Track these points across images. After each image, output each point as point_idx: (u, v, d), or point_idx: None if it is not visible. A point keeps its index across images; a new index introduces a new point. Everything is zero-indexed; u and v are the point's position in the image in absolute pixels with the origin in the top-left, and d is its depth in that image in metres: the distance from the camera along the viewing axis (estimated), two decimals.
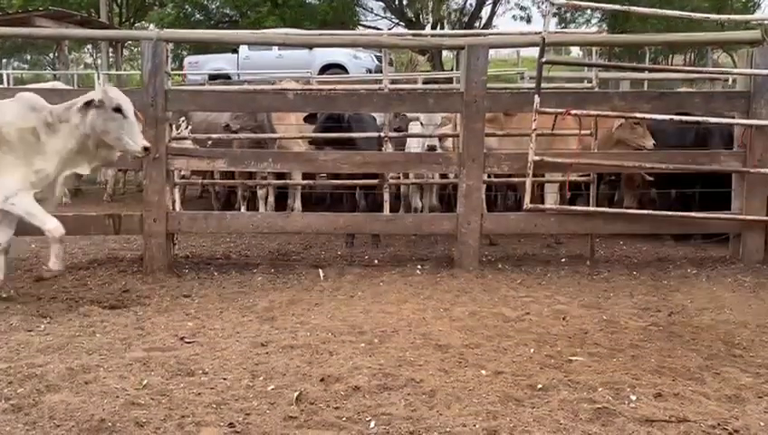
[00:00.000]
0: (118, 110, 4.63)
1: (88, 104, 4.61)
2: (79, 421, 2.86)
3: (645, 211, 6.17)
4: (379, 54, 15.38)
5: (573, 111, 5.71)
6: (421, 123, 6.99)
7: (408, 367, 3.52)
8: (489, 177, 6.51)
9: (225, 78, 15.71)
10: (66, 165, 4.74)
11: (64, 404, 3.02)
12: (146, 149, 4.71)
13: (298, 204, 7.95)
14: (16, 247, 5.57)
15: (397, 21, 25.84)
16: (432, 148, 6.51)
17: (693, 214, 6.00)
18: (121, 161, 5.73)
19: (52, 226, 4.57)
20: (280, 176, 7.61)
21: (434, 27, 24.21)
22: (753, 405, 3.11)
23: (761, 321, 4.37)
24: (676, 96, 6.97)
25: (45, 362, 3.56)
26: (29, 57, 31.19)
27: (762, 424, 2.90)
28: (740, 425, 2.88)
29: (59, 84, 10.75)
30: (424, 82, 12.49)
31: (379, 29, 23.98)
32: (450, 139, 7.00)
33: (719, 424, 2.88)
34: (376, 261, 6.10)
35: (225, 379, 3.36)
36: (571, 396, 3.15)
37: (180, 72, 16.09)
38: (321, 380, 3.34)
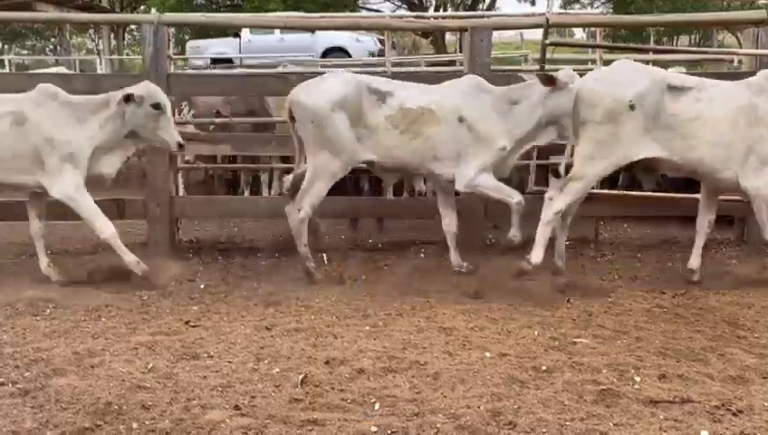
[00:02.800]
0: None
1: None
2: (85, 405, 2.88)
3: (649, 193, 6.15)
4: (381, 38, 15.30)
5: None
6: None
7: (413, 350, 3.53)
8: None
9: (228, 62, 15.65)
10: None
11: (71, 388, 3.04)
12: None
13: None
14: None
15: (399, 3, 25.68)
16: None
17: (698, 196, 5.98)
18: None
19: None
20: (284, 160, 7.58)
21: (437, 9, 24.07)
22: (757, 386, 3.11)
23: (765, 302, 4.36)
24: None
25: (51, 346, 3.58)
26: (30, 43, 31.11)
27: (766, 404, 2.90)
28: (744, 405, 2.88)
29: (62, 69, 10.72)
30: (427, 65, 12.41)
31: (381, 12, 23.87)
32: None
33: (723, 405, 2.88)
34: (380, 245, 6.10)
35: (230, 362, 3.38)
36: (575, 378, 3.16)
37: (184, 57, 16.03)
38: (326, 362, 3.35)
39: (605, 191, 6.30)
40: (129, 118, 4.71)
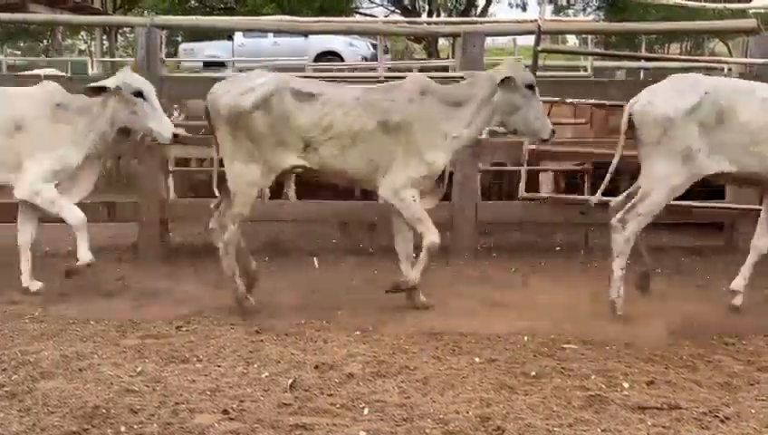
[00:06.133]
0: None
1: None
2: (73, 408, 2.87)
3: None
4: (374, 42, 15.32)
5: (569, 100, 5.70)
6: None
7: (402, 354, 3.54)
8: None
9: (220, 65, 15.64)
10: None
11: (58, 391, 3.03)
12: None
13: (292, 192, 7.93)
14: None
15: (393, 8, 25.73)
16: None
17: (687, 203, 6.01)
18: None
19: None
20: None
21: (430, 15, 24.11)
22: (744, 392, 3.13)
23: (753, 309, 4.38)
24: None
25: (40, 349, 3.57)
26: (23, 44, 30.98)
27: (753, 411, 2.92)
28: (731, 412, 2.90)
29: (53, 71, 10.67)
30: (419, 71, 12.43)
31: (375, 17, 23.90)
32: None
33: (711, 411, 2.90)
34: (370, 249, 6.10)
35: (219, 366, 3.37)
36: (564, 383, 3.17)
37: (176, 60, 16.02)
38: (316, 367, 3.35)
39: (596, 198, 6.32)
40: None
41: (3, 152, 4.59)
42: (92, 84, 4.59)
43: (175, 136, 4.68)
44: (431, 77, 4.77)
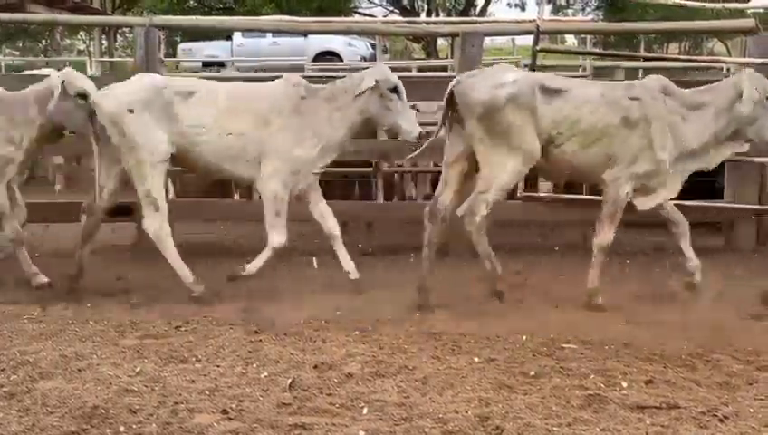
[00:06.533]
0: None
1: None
2: (72, 408, 2.87)
3: None
4: (373, 42, 15.33)
5: None
6: (417, 110, 6.97)
7: (402, 354, 3.54)
8: None
9: (219, 65, 15.64)
10: None
11: (57, 391, 3.02)
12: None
13: None
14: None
15: (391, 8, 25.73)
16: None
17: (686, 202, 6.01)
18: None
19: None
20: None
21: (429, 15, 24.11)
22: (743, 392, 3.13)
23: (751, 309, 4.39)
24: None
25: (38, 349, 3.57)
26: (21, 44, 30.96)
27: (752, 410, 2.92)
28: (730, 411, 2.90)
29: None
30: (418, 70, 12.44)
31: (373, 17, 23.90)
32: None
33: (709, 410, 2.90)
34: (370, 249, 6.10)
35: (218, 366, 3.37)
36: (563, 383, 3.17)
37: (175, 60, 16.02)
38: (315, 367, 3.35)
39: (593, 197, 6.34)
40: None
41: (250, 147, 4.57)
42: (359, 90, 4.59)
43: (419, 137, 4.62)
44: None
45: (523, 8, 25.50)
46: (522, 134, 4.24)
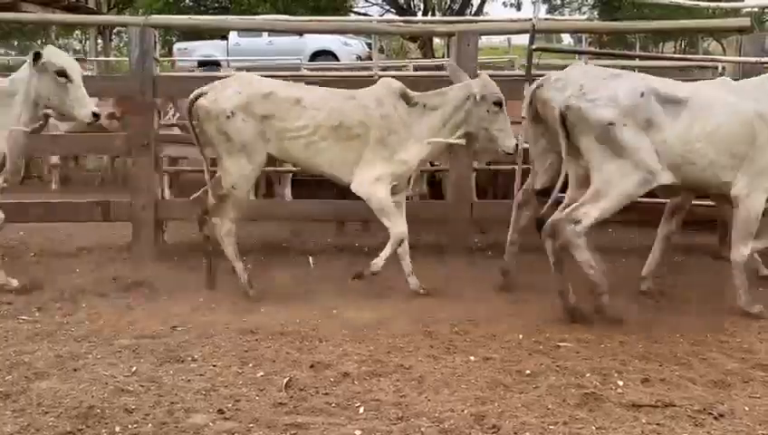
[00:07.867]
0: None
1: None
2: (67, 408, 2.86)
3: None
4: (369, 41, 15.31)
5: None
6: None
7: (398, 353, 3.54)
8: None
9: (215, 65, 15.61)
10: None
11: (53, 391, 3.02)
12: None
13: (287, 191, 7.92)
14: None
15: (388, 7, 25.73)
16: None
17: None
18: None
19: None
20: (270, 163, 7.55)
21: (425, 14, 24.11)
22: (738, 390, 3.14)
23: (746, 307, 4.39)
24: None
25: (34, 349, 3.56)
26: (16, 43, 30.88)
27: (747, 409, 2.93)
28: (725, 409, 2.91)
29: None
30: (414, 69, 12.43)
31: (370, 16, 23.90)
32: None
33: (705, 409, 2.91)
34: (366, 248, 6.10)
35: (214, 366, 3.37)
36: (558, 381, 3.17)
37: (170, 59, 15.98)
38: (311, 366, 3.35)
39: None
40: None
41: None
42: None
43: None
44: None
45: (518, 7, 25.55)
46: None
